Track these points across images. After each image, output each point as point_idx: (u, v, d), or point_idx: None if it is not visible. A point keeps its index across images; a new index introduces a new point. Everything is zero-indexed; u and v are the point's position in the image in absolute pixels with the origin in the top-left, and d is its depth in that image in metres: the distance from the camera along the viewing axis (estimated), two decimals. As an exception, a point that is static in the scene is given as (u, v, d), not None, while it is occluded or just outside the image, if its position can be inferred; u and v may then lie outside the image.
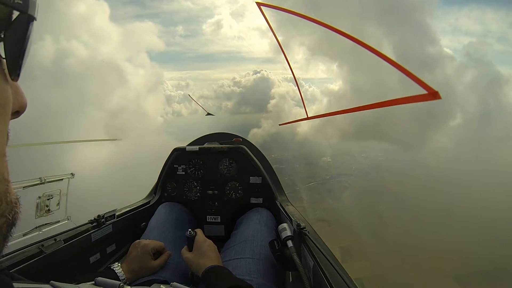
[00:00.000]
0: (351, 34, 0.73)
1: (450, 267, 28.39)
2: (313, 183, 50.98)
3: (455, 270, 28.00)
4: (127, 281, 1.11)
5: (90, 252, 1.35)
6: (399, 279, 26.90)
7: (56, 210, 1.73)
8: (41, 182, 1.66)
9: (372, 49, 0.65)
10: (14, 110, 0.37)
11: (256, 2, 1.23)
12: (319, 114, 1.18)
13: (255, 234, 1.41)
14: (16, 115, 0.39)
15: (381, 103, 0.63)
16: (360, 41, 0.69)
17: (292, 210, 1.62)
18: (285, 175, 50.21)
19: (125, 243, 1.59)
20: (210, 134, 2.39)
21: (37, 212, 1.63)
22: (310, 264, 1.05)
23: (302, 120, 1.32)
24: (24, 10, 0.32)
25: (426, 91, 0.49)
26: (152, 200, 1.91)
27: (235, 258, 1.25)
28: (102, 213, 1.44)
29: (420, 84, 0.50)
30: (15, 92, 0.37)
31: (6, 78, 0.34)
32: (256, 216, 1.61)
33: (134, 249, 1.21)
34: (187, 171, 1.97)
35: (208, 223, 1.93)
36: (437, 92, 0.48)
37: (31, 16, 0.33)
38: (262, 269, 1.19)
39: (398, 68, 0.57)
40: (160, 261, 1.21)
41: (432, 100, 0.50)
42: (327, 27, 0.84)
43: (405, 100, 0.55)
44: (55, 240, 1.15)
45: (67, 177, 1.84)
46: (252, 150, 2.10)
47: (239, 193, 1.92)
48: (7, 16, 0.32)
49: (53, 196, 1.72)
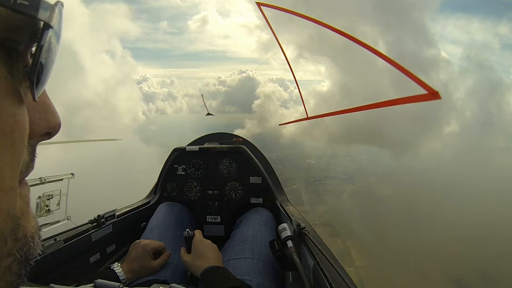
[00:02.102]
0: (351, 34, 0.73)
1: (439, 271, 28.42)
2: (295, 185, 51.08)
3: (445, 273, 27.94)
4: (127, 281, 1.11)
5: (90, 252, 1.35)
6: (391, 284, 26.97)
7: (56, 210, 1.73)
8: (41, 182, 1.66)
9: (372, 49, 0.65)
10: (43, 132, 0.33)
11: (256, 2, 1.23)
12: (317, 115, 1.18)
13: (255, 234, 1.41)
14: (47, 136, 0.34)
15: (381, 103, 0.63)
16: (361, 41, 0.69)
17: (292, 210, 1.62)
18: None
19: (125, 243, 1.59)
20: (210, 134, 2.39)
21: (37, 212, 1.63)
22: (310, 264, 1.05)
23: (302, 120, 1.32)
24: (31, 14, 0.25)
25: (426, 91, 0.49)
26: (152, 200, 1.91)
27: (235, 258, 1.25)
28: (102, 213, 1.44)
29: (420, 84, 0.50)
30: (45, 110, 0.32)
31: (21, 99, 0.28)
32: (256, 216, 1.61)
33: (134, 249, 1.21)
34: (187, 171, 1.97)
35: (208, 223, 1.93)
36: (437, 92, 0.48)
37: (46, 23, 0.26)
38: (262, 269, 1.19)
39: (398, 68, 0.57)
40: (160, 261, 1.21)
41: (431, 100, 0.50)
42: (327, 27, 0.84)
43: (405, 100, 0.54)
44: (55, 240, 1.15)
45: (67, 177, 1.84)
46: (252, 150, 2.10)
47: (239, 193, 1.92)
48: (31, 25, 0.26)
49: (53, 196, 1.72)
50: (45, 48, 0.28)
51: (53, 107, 0.34)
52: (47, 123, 0.33)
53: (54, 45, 0.29)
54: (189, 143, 2.29)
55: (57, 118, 0.34)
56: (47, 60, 0.29)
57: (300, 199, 46.72)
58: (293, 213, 1.53)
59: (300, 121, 1.36)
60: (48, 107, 0.33)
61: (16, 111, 0.27)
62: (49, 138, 0.34)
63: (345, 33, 0.74)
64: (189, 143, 2.30)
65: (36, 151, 0.32)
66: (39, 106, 0.31)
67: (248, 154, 1.94)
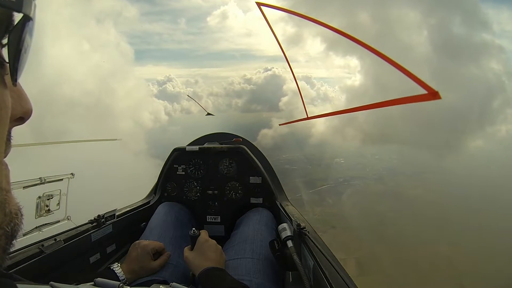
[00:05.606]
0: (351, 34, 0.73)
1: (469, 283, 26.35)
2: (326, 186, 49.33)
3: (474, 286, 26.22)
4: (127, 281, 1.11)
5: (90, 252, 1.35)
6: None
7: (56, 210, 1.73)
8: (41, 182, 1.66)
9: (372, 49, 0.65)
10: (17, 116, 0.36)
11: (256, 2, 1.23)
12: (317, 115, 1.19)
13: (255, 234, 1.41)
14: (20, 121, 0.37)
15: (381, 103, 0.63)
16: (361, 41, 0.69)
17: (292, 210, 1.62)
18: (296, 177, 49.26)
19: (125, 243, 1.59)
20: (210, 134, 2.39)
21: (37, 212, 1.64)
22: (310, 264, 1.05)
23: (301, 120, 1.32)
24: (17, 9, 0.30)
25: (426, 91, 0.49)
26: (152, 200, 1.91)
27: (235, 258, 1.25)
28: (102, 213, 1.44)
29: (420, 84, 0.50)
30: (18, 97, 0.36)
31: (4, 83, 0.32)
32: (256, 216, 1.61)
33: (134, 249, 1.21)
34: (187, 171, 1.97)
35: (208, 223, 1.93)
36: (437, 92, 0.48)
37: (26, 16, 0.31)
38: (262, 269, 1.19)
39: (398, 68, 0.57)
40: (160, 261, 1.21)
41: (431, 100, 0.50)
42: (327, 27, 0.84)
43: (404, 100, 0.54)
44: (55, 240, 1.15)
45: (67, 177, 1.85)
46: (252, 150, 2.10)
47: (239, 193, 1.92)
48: (8, 18, 0.31)
49: (53, 196, 1.72)
50: (24, 39, 0.32)
51: (26, 94, 0.38)
52: (21, 108, 0.36)
53: (30, 36, 0.34)
54: (189, 143, 2.29)
55: (30, 104, 0.38)
56: (26, 50, 0.33)
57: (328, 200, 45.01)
58: (293, 213, 1.53)
59: (300, 121, 1.36)
60: (22, 94, 0.37)
61: (2, 91, 0.32)
62: (22, 123, 0.38)
63: (345, 33, 0.74)
64: (189, 143, 2.31)
65: (12, 135, 0.36)
66: (14, 93, 0.35)
67: (248, 154, 1.94)
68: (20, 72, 0.34)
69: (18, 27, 0.32)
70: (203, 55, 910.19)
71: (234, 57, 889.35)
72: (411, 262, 28.98)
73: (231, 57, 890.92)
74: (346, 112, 0.86)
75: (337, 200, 43.89)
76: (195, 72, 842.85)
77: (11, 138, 0.35)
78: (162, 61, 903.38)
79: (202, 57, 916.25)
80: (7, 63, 0.32)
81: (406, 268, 28.39)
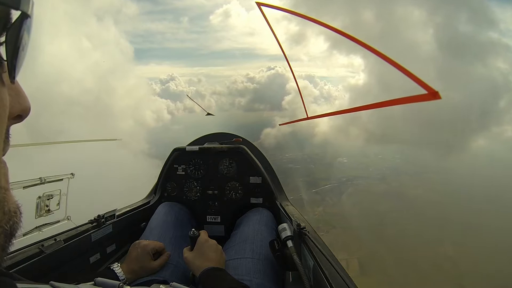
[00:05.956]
0: (352, 34, 0.73)
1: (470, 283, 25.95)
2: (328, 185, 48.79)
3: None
4: (127, 281, 1.11)
5: (90, 252, 1.35)
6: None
7: (56, 210, 1.73)
8: (41, 182, 1.66)
9: (373, 49, 0.65)
10: (15, 114, 0.36)
11: (256, 2, 1.23)
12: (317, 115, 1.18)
13: (255, 234, 1.41)
14: (18, 119, 0.37)
15: (381, 103, 0.63)
16: (361, 41, 0.69)
17: (292, 210, 1.62)
18: (299, 176, 48.59)
19: (125, 243, 1.59)
20: (210, 134, 2.39)
21: (37, 212, 1.64)
22: (310, 264, 1.05)
23: (301, 120, 1.32)
24: (15, 7, 0.30)
25: (426, 91, 0.49)
26: (152, 200, 1.91)
27: (235, 258, 1.25)
28: (102, 213, 1.44)
29: (420, 84, 0.50)
30: (17, 95, 0.36)
31: (2, 81, 0.32)
32: (256, 216, 1.61)
33: (134, 249, 1.21)
34: (187, 171, 1.97)
35: (208, 223, 1.93)
36: (437, 92, 0.48)
37: (24, 13, 0.31)
38: (262, 269, 1.19)
39: (398, 68, 0.57)
40: (160, 261, 1.21)
41: (431, 100, 0.50)
42: (327, 27, 0.84)
43: (405, 100, 0.54)
44: (55, 240, 1.15)
45: (67, 177, 1.85)
46: (252, 150, 2.10)
47: (239, 193, 1.92)
48: (6, 15, 0.31)
49: (53, 196, 1.72)
50: (22, 36, 0.32)
51: (24, 92, 0.37)
52: (19, 106, 0.36)
53: (28, 33, 0.34)
54: (189, 143, 2.30)
55: (28, 102, 0.38)
56: (24, 47, 0.33)
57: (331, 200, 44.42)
58: (293, 213, 1.53)
59: (300, 121, 1.36)
60: (20, 91, 0.37)
61: (0, 89, 0.32)
62: (20, 121, 0.38)
63: (345, 33, 0.74)
64: (189, 143, 2.31)
65: (10, 133, 0.36)
66: (12, 91, 0.35)
67: (248, 154, 1.94)
68: (18, 70, 0.34)
69: (16, 24, 0.32)
70: (206, 54, 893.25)
71: (237, 56, 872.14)
72: (412, 262, 28.79)
73: (234, 56, 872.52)
74: (346, 112, 0.85)
75: (339, 200, 43.71)
76: (198, 71, 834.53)
77: (9, 137, 0.35)
78: (165, 60, 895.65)
79: (205, 56, 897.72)
80: (5, 61, 0.32)
81: (407, 268, 28.24)
